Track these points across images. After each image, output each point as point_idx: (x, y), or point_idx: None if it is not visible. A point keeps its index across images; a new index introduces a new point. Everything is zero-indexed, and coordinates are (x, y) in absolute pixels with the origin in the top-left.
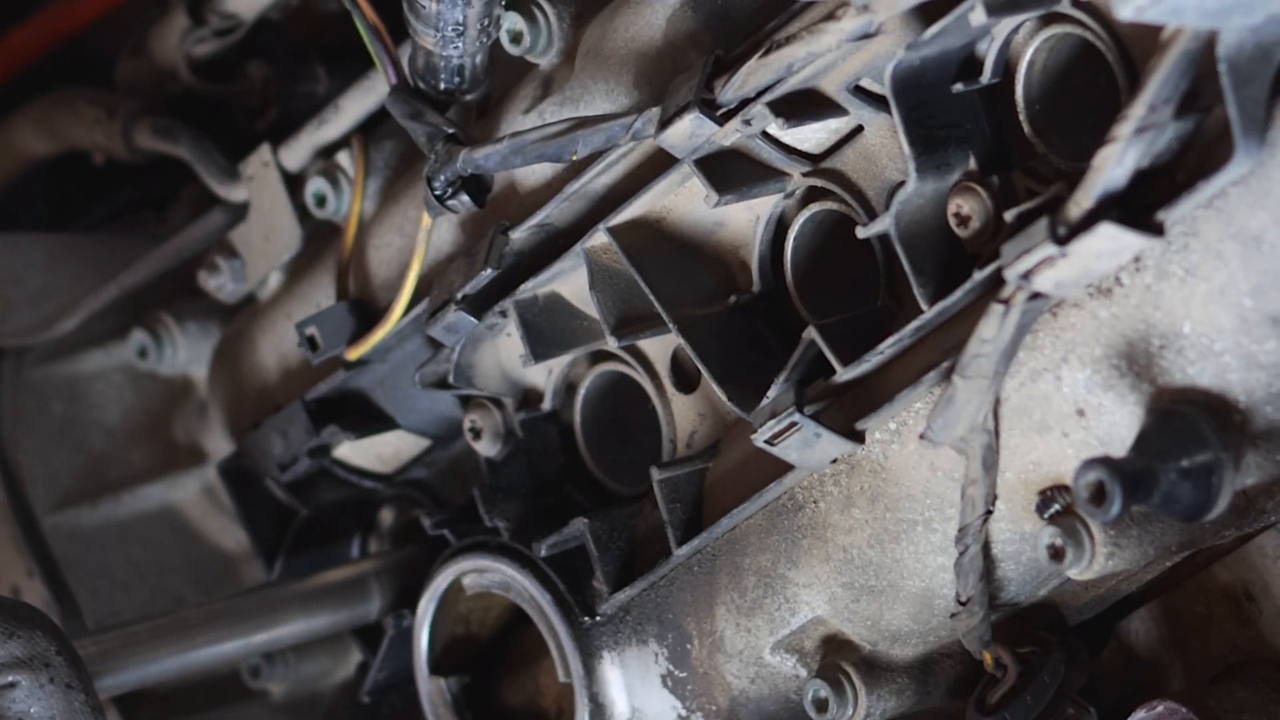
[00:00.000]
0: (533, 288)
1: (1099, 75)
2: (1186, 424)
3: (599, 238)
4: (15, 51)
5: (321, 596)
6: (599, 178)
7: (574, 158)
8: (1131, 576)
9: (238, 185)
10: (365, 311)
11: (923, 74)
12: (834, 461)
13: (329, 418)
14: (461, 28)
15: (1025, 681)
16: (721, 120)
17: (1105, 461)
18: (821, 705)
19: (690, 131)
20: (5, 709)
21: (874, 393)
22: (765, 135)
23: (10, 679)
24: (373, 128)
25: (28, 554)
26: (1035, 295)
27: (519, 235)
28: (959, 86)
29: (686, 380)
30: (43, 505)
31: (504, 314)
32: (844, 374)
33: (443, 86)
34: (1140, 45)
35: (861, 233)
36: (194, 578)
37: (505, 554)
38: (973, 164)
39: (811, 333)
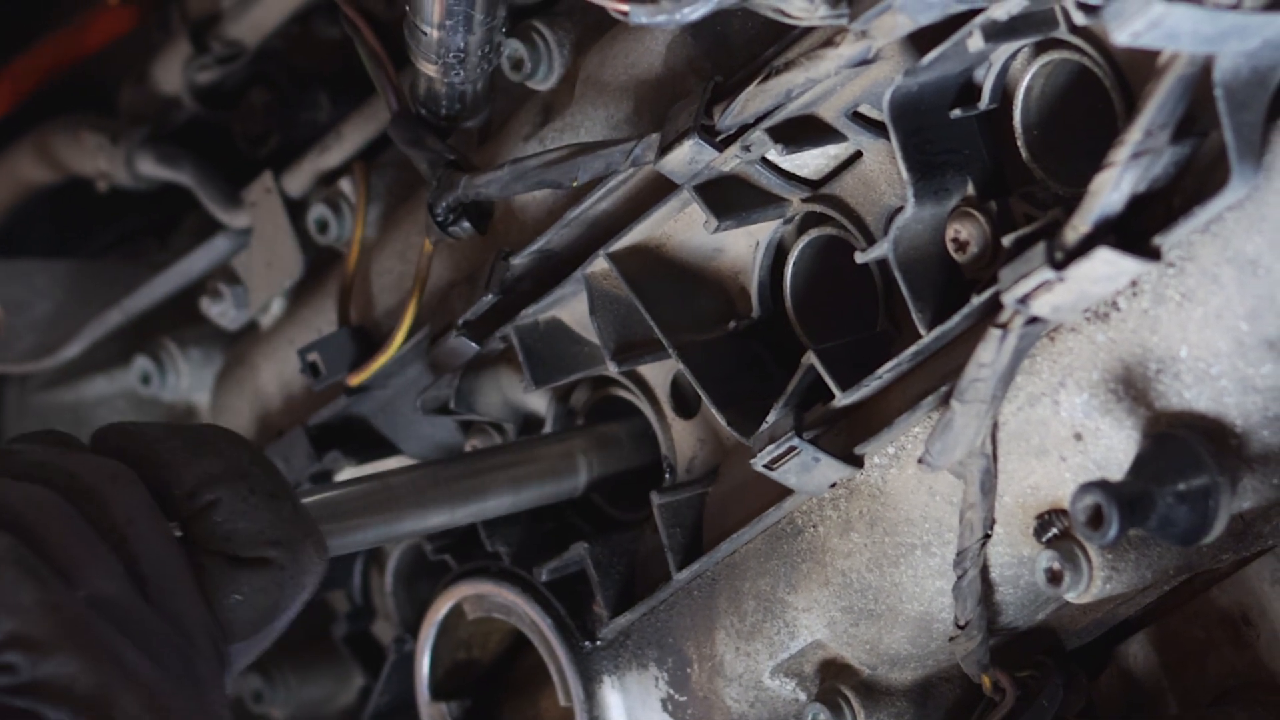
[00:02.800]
0: (534, 313)
1: (1096, 101)
2: (1183, 448)
3: (599, 263)
4: (19, 78)
5: (528, 468)
6: (599, 204)
7: (574, 184)
8: (1129, 600)
9: (240, 212)
10: (367, 337)
11: (921, 100)
12: (833, 486)
13: (331, 443)
14: (463, 55)
15: (1023, 705)
16: (721, 146)
17: (1102, 485)
18: None
19: (690, 157)
20: (213, 529)
21: (872, 417)
22: (764, 161)
23: (210, 496)
24: (374, 154)
25: None
26: (1033, 320)
27: (520, 261)
28: (957, 112)
29: (686, 405)
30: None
31: (504, 340)
32: (843, 399)
33: (444, 113)
34: (1137, 71)
35: (860, 258)
36: None
37: (506, 579)
38: (971, 189)
39: (810, 358)
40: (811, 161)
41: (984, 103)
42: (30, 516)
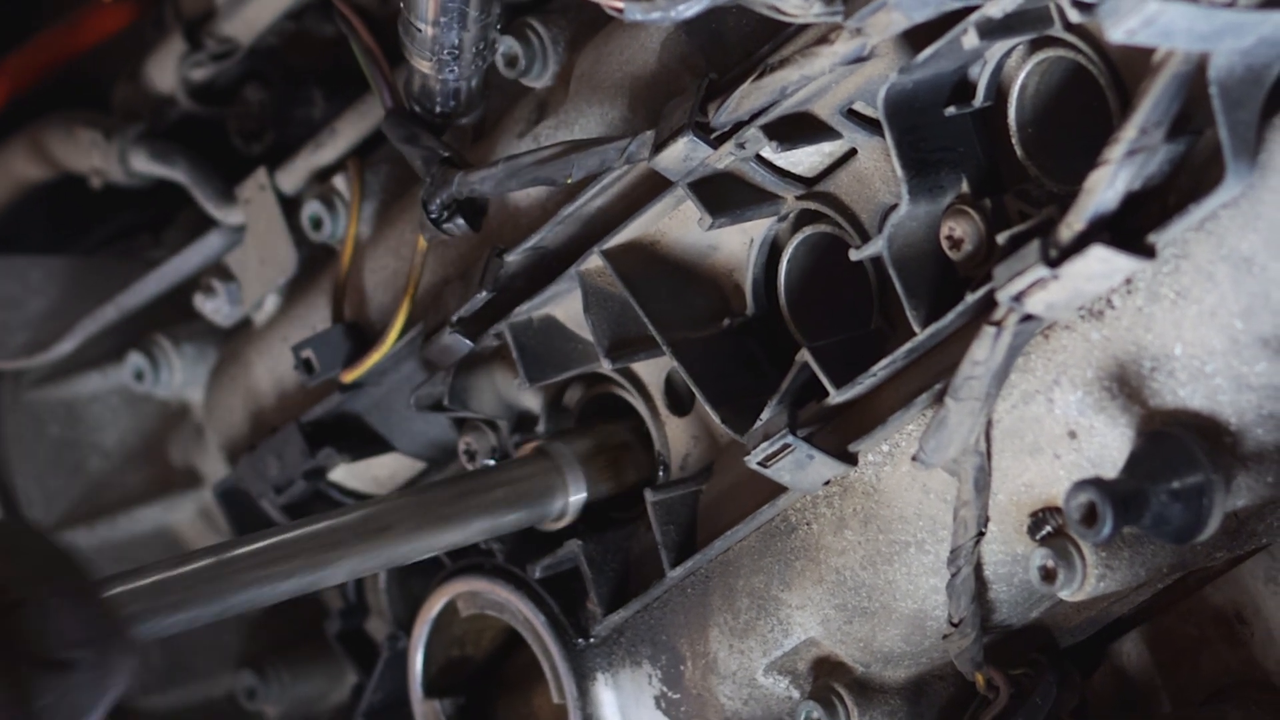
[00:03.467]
0: (527, 310)
1: (1091, 99)
2: (1177, 446)
3: (593, 261)
4: (14, 75)
5: (376, 533)
6: (593, 201)
7: (569, 181)
8: (1123, 598)
9: (234, 208)
10: (361, 334)
11: (915, 97)
12: (827, 483)
13: (324, 440)
14: (457, 52)
15: (1017, 703)
16: (715, 143)
17: (1096, 483)
18: None
19: (684, 155)
20: (15, 629)
21: (867, 415)
22: (759, 158)
23: (14, 597)
24: (369, 151)
25: None
26: (1027, 317)
27: (514, 258)
28: (952, 110)
29: (680, 403)
30: (39, 527)
31: (499, 336)
32: (837, 396)
33: (438, 110)
34: (1132, 69)
35: (855, 255)
36: None
37: (500, 576)
38: (965, 187)
39: (805, 355)
40: (806, 159)
41: (979, 100)
42: None
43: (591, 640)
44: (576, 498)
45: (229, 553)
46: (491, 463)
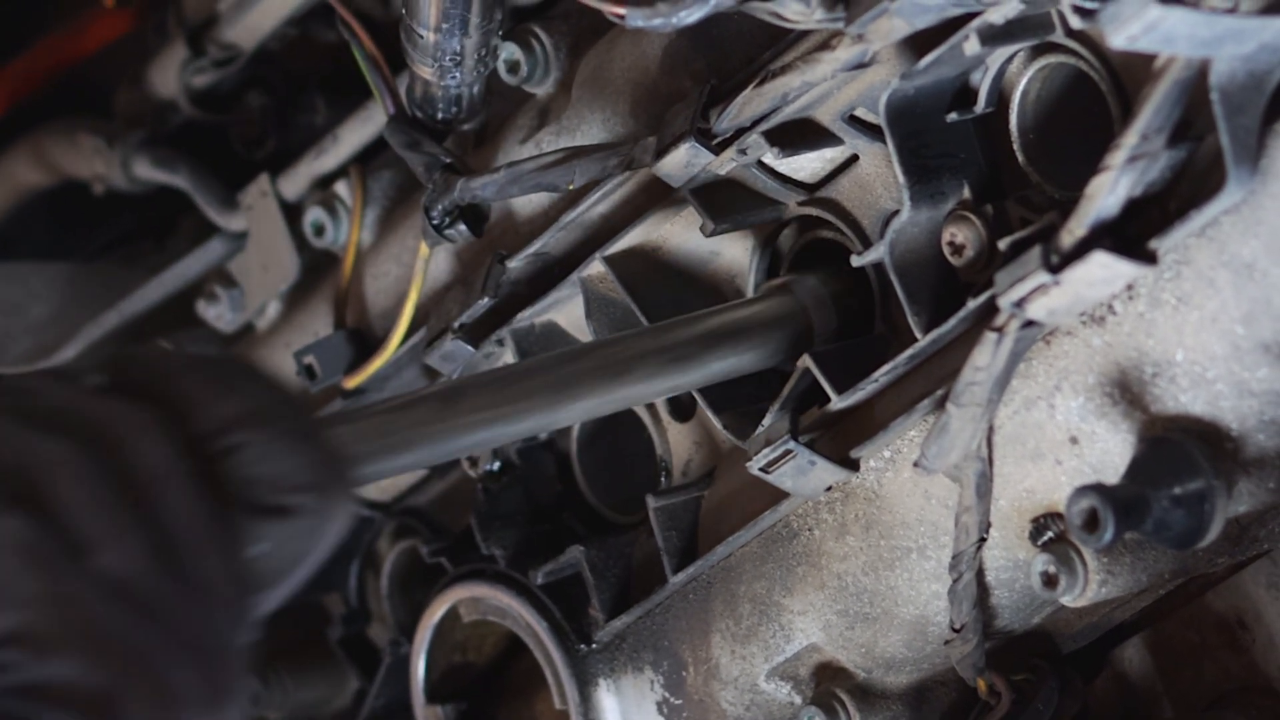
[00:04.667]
0: (529, 316)
1: (1092, 105)
2: (1179, 451)
3: (595, 267)
4: (15, 81)
5: (622, 366)
6: (595, 207)
7: (570, 187)
8: (1125, 604)
9: (236, 215)
10: (363, 340)
11: (917, 103)
12: (829, 489)
13: None
14: (459, 58)
15: (1019, 709)
16: (717, 150)
17: (1098, 488)
18: None
19: (686, 161)
20: (237, 475)
21: (868, 420)
22: (760, 164)
23: (235, 439)
24: (371, 158)
25: None
26: (1028, 323)
27: (516, 264)
28: (953, 116)
29: (682, 408)
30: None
31: (501, 343)
32: (838, 402)
33: (440, 116)
34: (1133, 74)
35: (856, 261)
36: None
37: (502, 581)
38: (967, 193)
39: (806, 361)
40: (808, 165)
41: (980, 106)
42: (47, 486)
43: (594, 646)
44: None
45: (458, 392)
46: (494, 467)
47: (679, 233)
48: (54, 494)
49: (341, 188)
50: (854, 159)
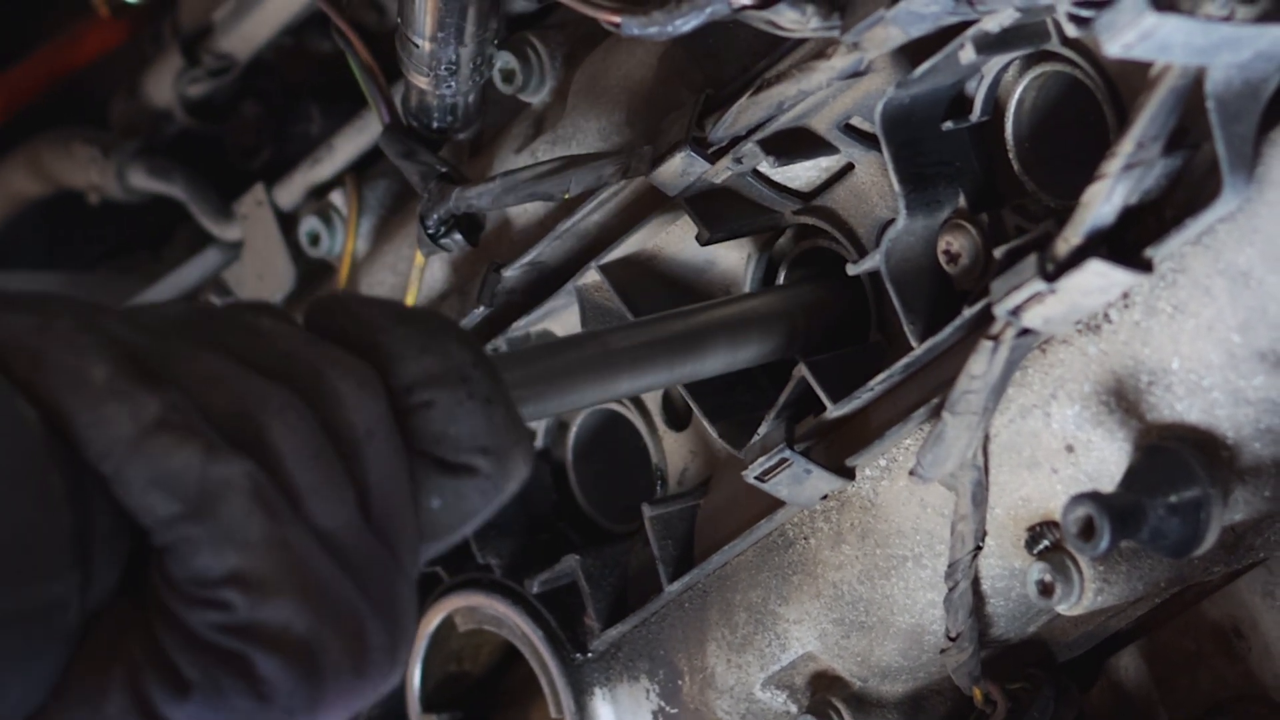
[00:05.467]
0: (525, 325)
1: (1088, 113)
2: (1174, 460)
3: (591, 275)
4: (11, 91)
5: (745, 327)
6: (591, 216)
7: (566, 196)
8: (1121, 613)
9: (232, 224)
10: None
11: (912, 112)
12: (824, 498)
13: None
14: (454, 67)
15: (1015, 718)
16: (712, 158)
17: (1094, 497)
18: None
19: (681, 169)
20: (425, 431)
21: (864, 429)
22: (756, 173)
23: (427, 396)
24: (366, 167)
25: None
26: (1024, 332)
27: (511, 273)
28: (949, 124)
29: (677, 418)
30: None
31: (496, 352)
32: (834, 411)
33: (435, 125)
34: (1129, 83)
35: (852, 270)
36: None
37: (498, 591)
38: (962, 201)
39: (802, 369)
40: (803, 174)
41: (975, 115)
42: (275, 433)
43: (589, 655)
44: None
45: (612, 338)
46: None
47: (674, 241)
48: (276, 442)
49: (337, 197)
50: (849, 168)
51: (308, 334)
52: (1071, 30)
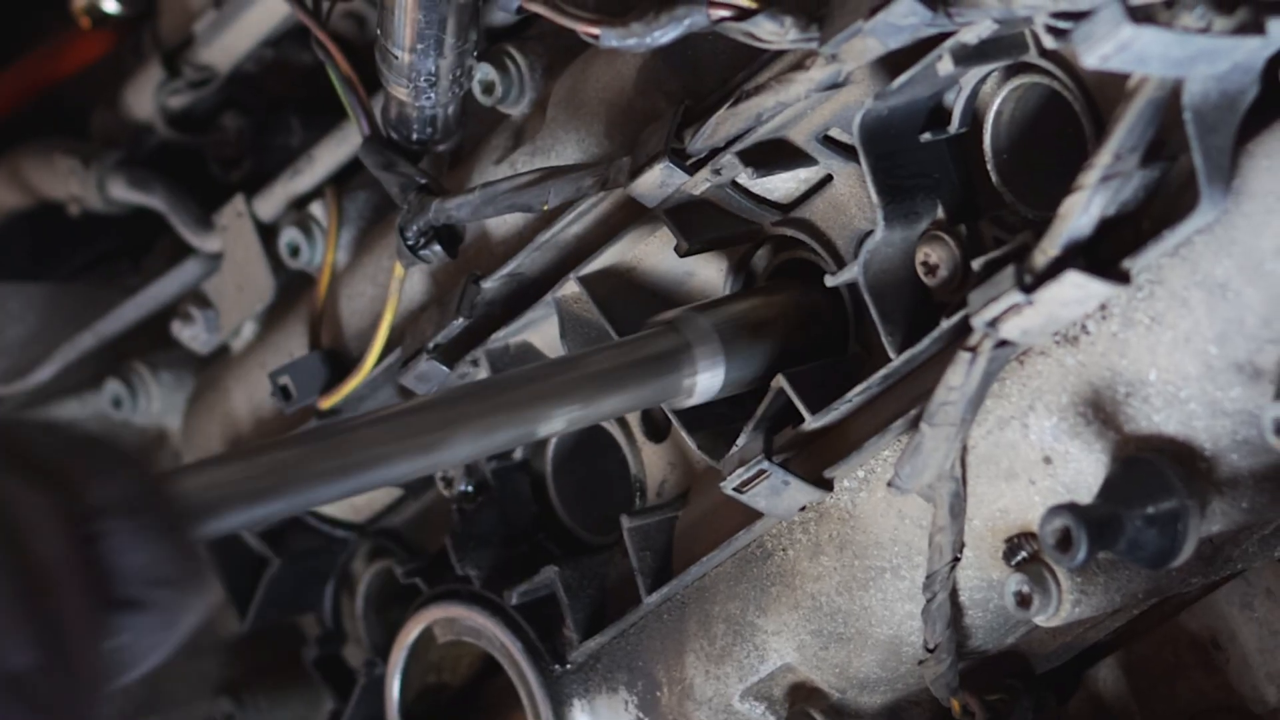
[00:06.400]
0: (504, 337)
1: (1066, 125)
2: (1152, 471)
3: (570, 287)
4: None
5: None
6: (570, 227)
7: (545, 207)
8: (1099, 624)
9: (212, 236)
10: (338, 361)
11: (891, 124)
12: (803, 509)
13: None
14: (434, 79)
15: None
16: (691, 170)
17: (1071, 508)
18: None
19: (660, 181)
20: (98, 563)
21: (842, 440)
22: (735, 185)
23: (101, 526)
24: (346, 179)
25: None
26: (1002, 343)
27: (490, 285)
28: (927, 136)
29: (656, 429)
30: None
31: (475, 363)
32: (812, 422)
33: (415, 137)
34: (1106, 94)
35: (830, 281)
36: None
37: (477, 602)
38: (940, 213)
39: (780, 381)
40: (782, 185)
41: (954, 126)
42: None
43: (568, 666)
44: (707, 376)
45: (320, 439)
46: (468, 488)
47: (653, 253)
48: None
49: (317, 208)
50: (828, 179)
51: None
52: (1050, 42)
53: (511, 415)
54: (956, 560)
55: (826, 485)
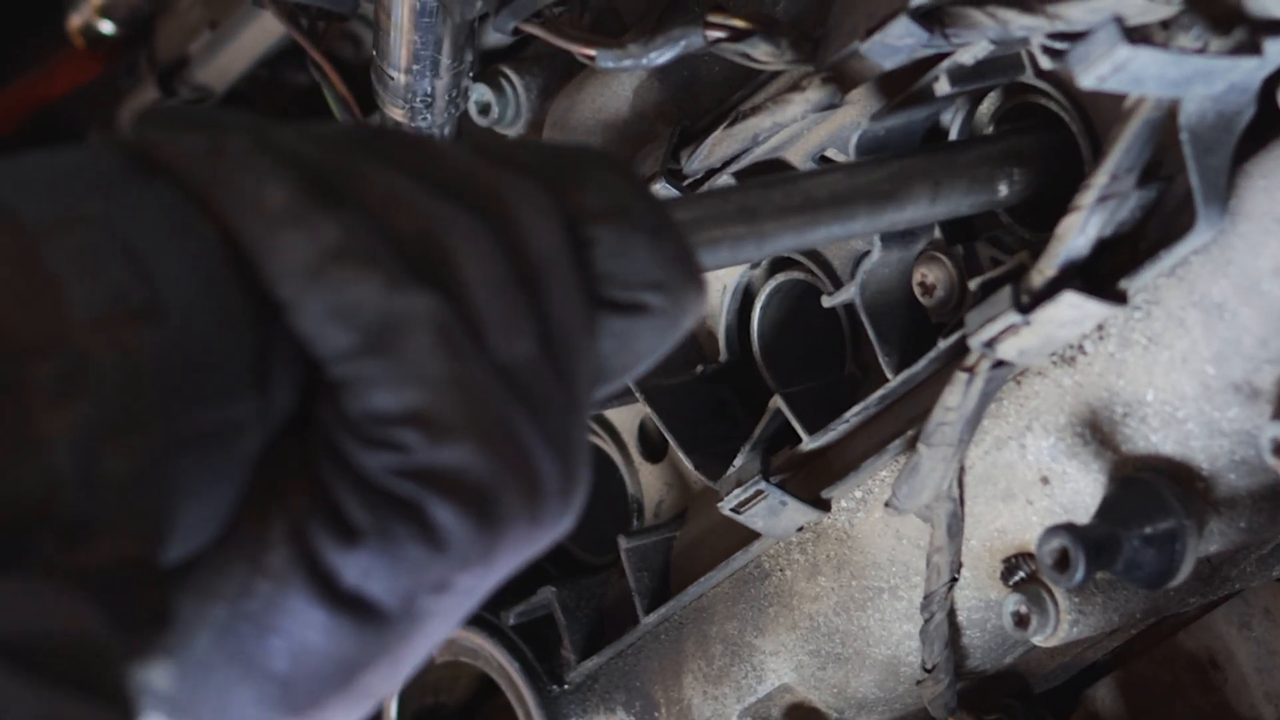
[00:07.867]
0: None
1: (1063, 145)
2: (1149, 491)
3: None
4: None
5: (951, 177)
6: None
7: None
8: (1097, 644)
9: None
10: None
11: (887, 144)
12: (800, 529)
13: None
14: (430, 99)
15: None
16: (688, 191)
17: (1069, 528)
18: None
19: None
20: (590, 269)
21: (840, 461)
22: None
23: (589, 233)
24: None
25: None
26: (999, 363)
27: None
28: None
29: (653, 449)
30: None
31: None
32: (810, 443)
33: None
34: (1103, 115)
35: (827, 302)
36: None
37: (474, 622)
38: (937, 233)
39: (777, 401)
40: None
41: None
42: (461, 261)
43: (565, 687)
44: None
45: (804, 183)
46: None
47: None
48: (462, 270)
49: None
50: None
51: (485, 156)
52: (1046, 63)
53: (956, 181)
54: (954, 580)
55: (824, 506)
